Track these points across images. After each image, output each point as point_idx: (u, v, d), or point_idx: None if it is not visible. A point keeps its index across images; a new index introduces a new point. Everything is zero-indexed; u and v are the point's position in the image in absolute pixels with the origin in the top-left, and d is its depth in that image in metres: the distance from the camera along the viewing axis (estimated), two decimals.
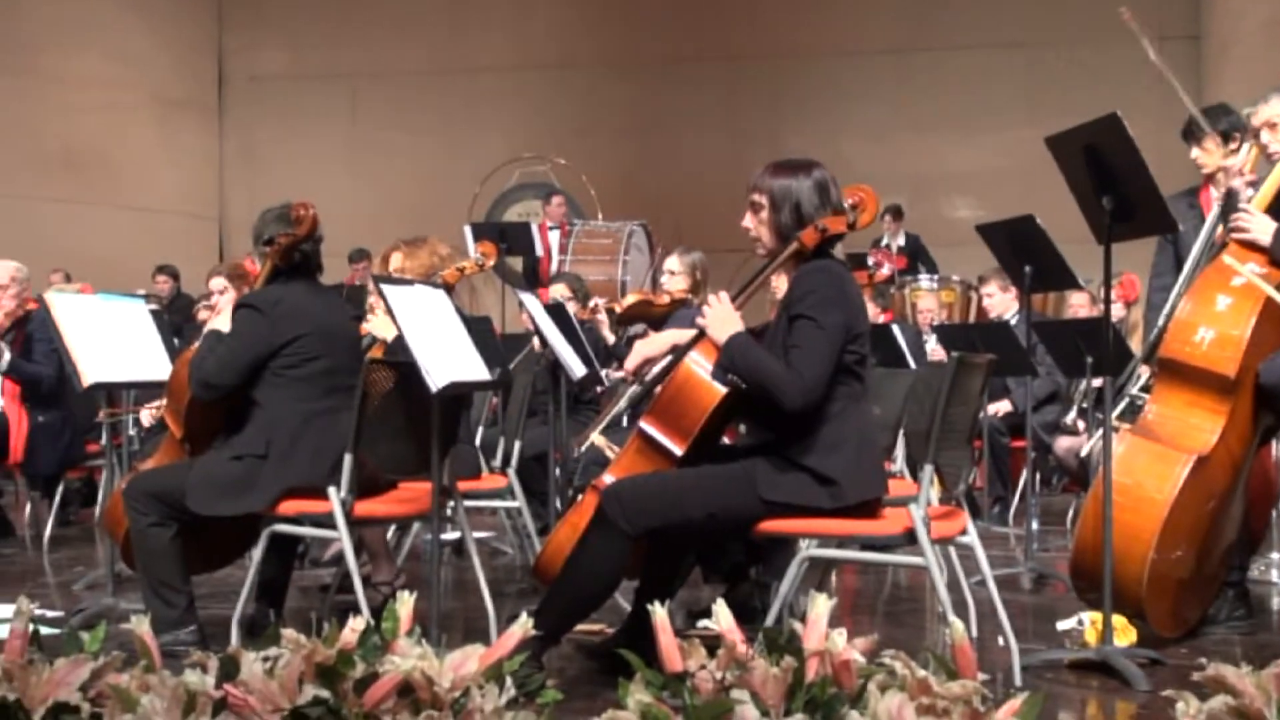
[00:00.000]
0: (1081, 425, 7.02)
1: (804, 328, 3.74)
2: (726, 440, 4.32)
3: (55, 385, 6.74)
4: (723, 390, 3.91)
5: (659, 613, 2.72)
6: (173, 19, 15.45)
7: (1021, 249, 5.91)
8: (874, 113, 14.27)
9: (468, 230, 11.07)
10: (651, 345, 4.23)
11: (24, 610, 2.73)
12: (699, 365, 3.96)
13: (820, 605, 2.70)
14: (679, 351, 4.03)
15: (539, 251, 11.32)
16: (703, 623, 2.79)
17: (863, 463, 3.83)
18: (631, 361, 4.19)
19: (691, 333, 4.26)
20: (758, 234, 3.98)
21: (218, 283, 6.34)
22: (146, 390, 6.24)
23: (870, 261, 8.91)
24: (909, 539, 3.82)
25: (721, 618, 2.72)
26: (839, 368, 3.78)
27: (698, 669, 2.61)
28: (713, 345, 3.96)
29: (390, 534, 5.79)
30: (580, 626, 4.18)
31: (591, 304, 7.04)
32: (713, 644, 2.77)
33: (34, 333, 6.90)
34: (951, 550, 4.78)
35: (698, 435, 3.96)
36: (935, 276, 11.42)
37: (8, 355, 6.85)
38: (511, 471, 5.71)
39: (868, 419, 3.94)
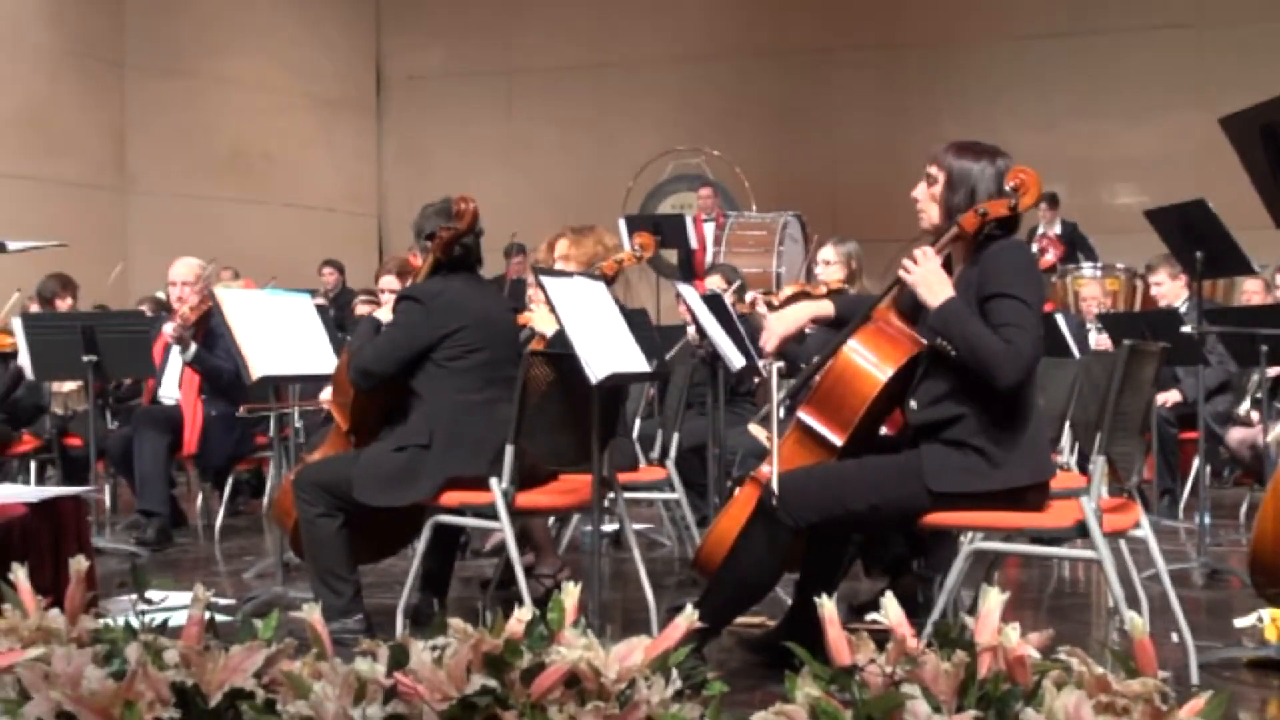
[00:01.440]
0: (1255, 416, 6.79)
1: (1015, 306, 3.66)
2: (886, 431, 4.25)
3: (234, 379, 6.92)
4: (884, 379, 3.85)
5: (827, 605, 2.68)
6: (334, 23, 15.78)
7: (1192, 234, 5.73)
8: (1035, 98, 13.96)
9: (622, 223, 11.09)
10: (786, 321, 4.15)
11: (200, 598, 2.79)
12: (858, 354, 3.91)
13: (993, 599, 2.63)
14: (836, 340, 3.98)
15: (693, 244, 11.29)
16: (871, 616, 2.74)
17: (1035, 446, 3.76)
18: (770, 341, 4.13)
19: (826, 303, 4.18)
20: (924, 206, 3.92)
21: (389, 280, 6.44)
22: (312, 383, 6.35)
23: (1034, 249, 8.73)
24: (1079, 532, 3.73)
25: (891, 611, 2.68)
26: None
27: (867, 663, 2.56)
28: (874, 332, 3.90)
29: (550, 525, 5.83)
30: (740, 619, 4.16)
31: (749, 297, 6.99)
32: (880, 638, 2.72)
33: (216, 328, 7.08)
34: (1122, 544, 4.66)
35: (858, 425, 3.91)
36: (1098, 264, 11.15)
37: (193, 347, 7.04)
38: (670, 463, 5.70)
39: (1037, 404, 3.85)
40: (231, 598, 5.38)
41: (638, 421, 6.27)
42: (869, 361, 3.87)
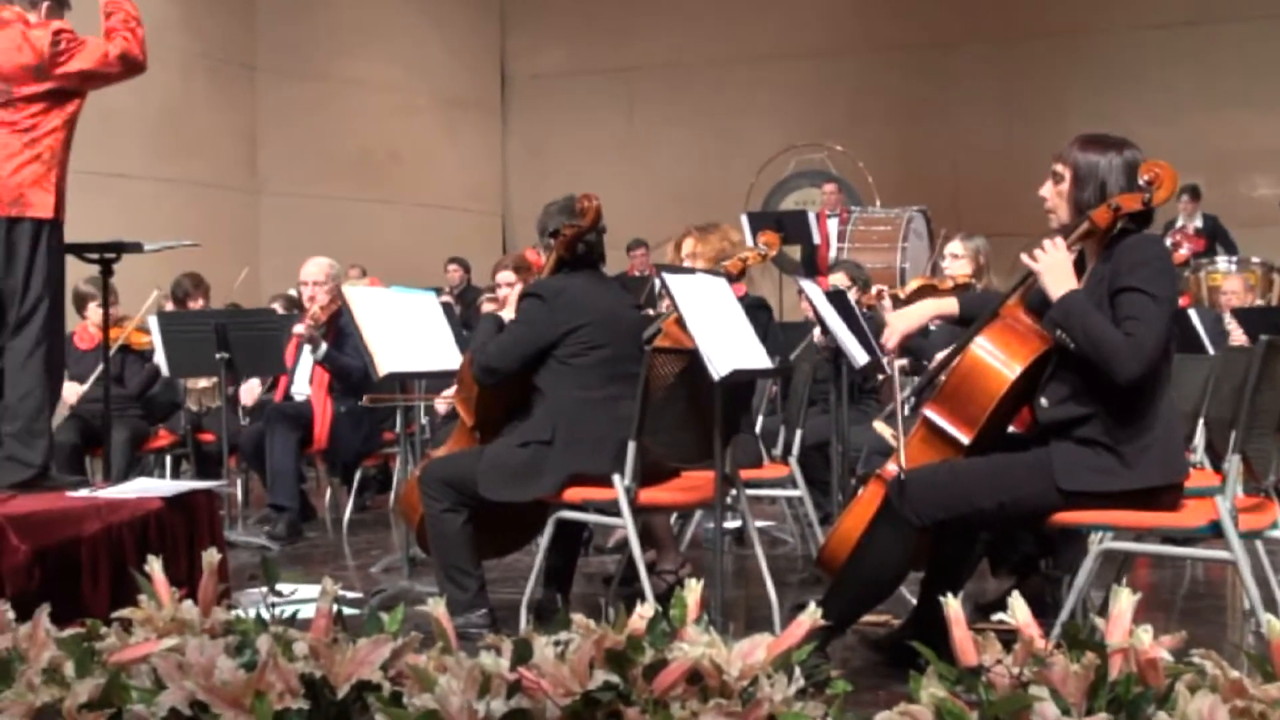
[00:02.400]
0: None
1: (1140, 300, 3.60)
2: (1013, 429, 4.18)
3: (363, 377, 7.03)
4: (1012, 376, 3.80)
5: (953, 605, 2.65)
6: (458, 24, 15.96)
7: None
8: (1167, 89, 13.65)
9: (744, 220, 11.07)
10: (908, 318, 4.10)
11: (329, 591, 2.84)
12: (986, 351, 3.85)
13: (1124, 600, 2.58)
14: (964, 337, 3.93)
15: (816, 240, 11.24)
16: (997, 616, 2.70)
17: (1169, 445, 3.68)
18: (891, 338, 4.08)
19: (950, 300, 4.13)
20: (1053, 205, 3.86)
21: (505, 275, 6.50)
22: (437, 379, 6.42)
23: (1168, 243, 8.54)
24: (1213, 532, 3.64)
25: (1018, 611, 2.63)
26: None
27: (993, 663, 2.53)
28: (1003, 328, 3.85)
29: (672, 522, 5.83)
30: (864, 617, 4.13)
31: (875, 290, 6.95)
32: (1007, 638, 2.68)
33: (345, 327, 7.19)
34: (1258, 544, 4.54)
35: (986, 423, 3.86)
36: (1234, 259, 10.87)
37: (324, 346, 7.17)
38: (793, 460, 5.67)
39: (1172, 402, 3.77)
40: (359, 591, 5.46)
41: (760, 418, 6.25)
42: (997, 359, 3.81)
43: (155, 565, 3.00)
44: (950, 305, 4.10)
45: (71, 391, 7.31)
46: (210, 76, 13.45)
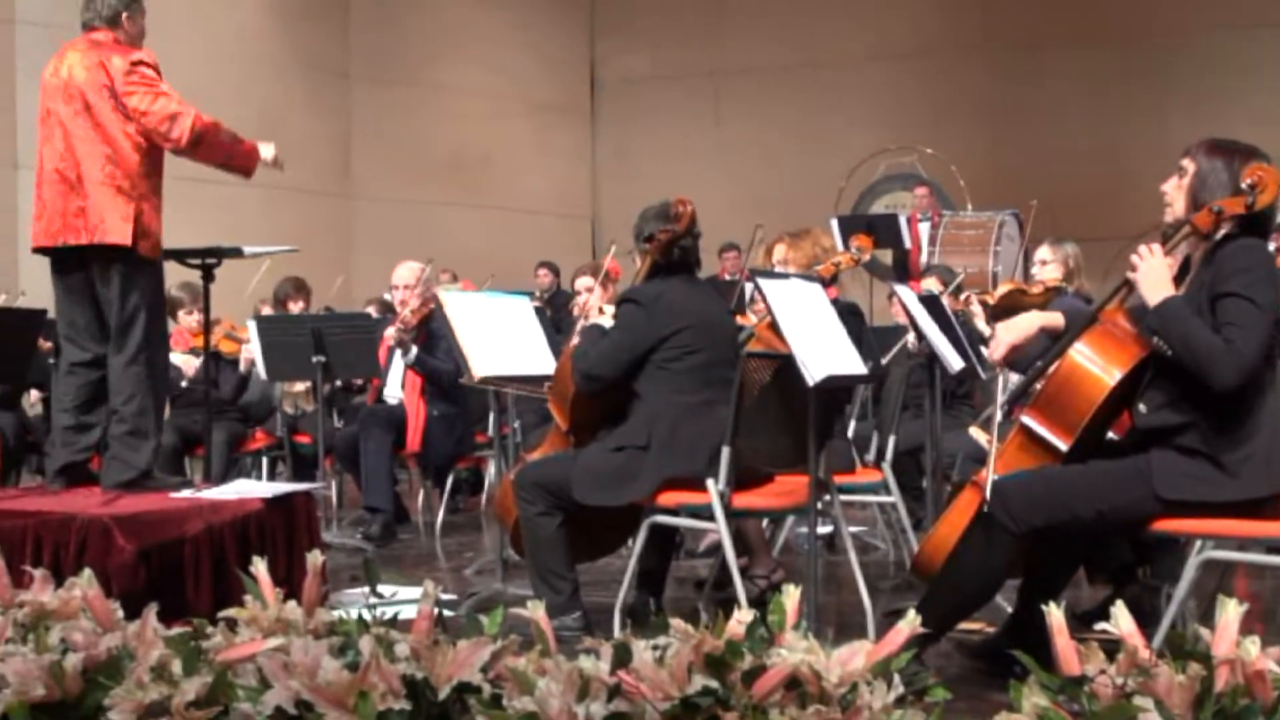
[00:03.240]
0: None
1: (1240, 306, 3.56)
2: (1113, 435, 4.14)
3: (454, 381, 7.09)
4: (1112, 382, 3.76)
5: (1055, 614, 2.62)
6: (548, 30, 16.04)
7: None
8: (1273, 91, 13.37)
9: (834, 223, 11.01)
10: (1015, 330, 4.08)
11: (430, 593, 2.87)
12: (1085, 356, 3.82)
13: (1231, 610, 2.54)
14: (1063, 342, 3.89)
15: (907, 244, 11.15)
16: (1100, 625, 2.67)
17: (1272, 454, 3.62)
18: (997, 350, 4.06)
19: (1057, 315, 4.10)
20: (1171, 199, 3.83)
21: (585, 281, 6.55)
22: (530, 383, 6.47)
23: (1271, 247, 8.37)
24: None
25: (1122, 620, 2.60)
26: None
27: (1097, 673, 2.50)
28: (1102, 333, 3.81)
29: (764, 526, 5.82)
30: (959, 624, 4.10)
31: (964, 295, 6.89)
32: (1109, 647, 2.65)
33: (436, 330, 7.27)
34: None
35: (1084, 430, 3.83)
36: None
37: (414, 350, 7.25)
38: (886, 466, 5.64)
39: (1275, 410, 3.71)
40: (453, 593, 5.51)
41: (853, 423, 6.22)
42: (1096, 364, 3.78)
43: (260, 566, 3.05)
44: (1056, 319, 4.06)
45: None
46: (306, 85, 13.63)
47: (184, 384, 7.38)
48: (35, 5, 11.36)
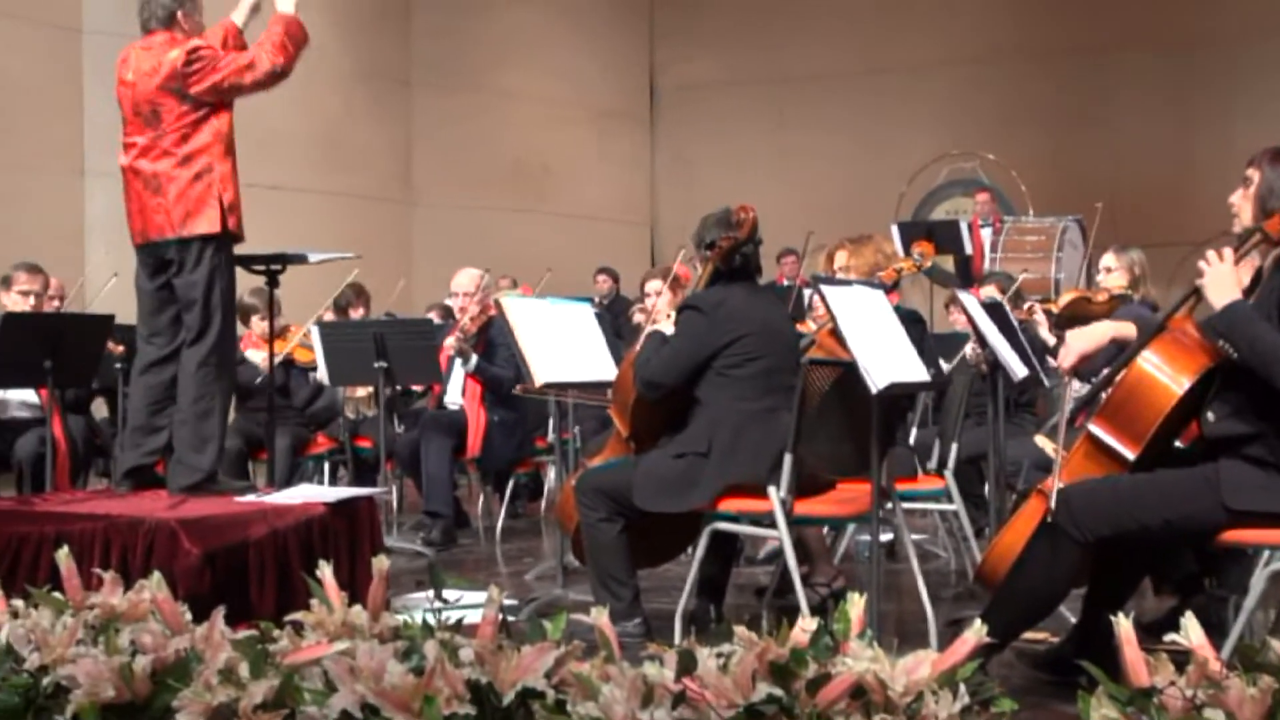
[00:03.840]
0: None
1: None
2: (1181, 445, 4.09)
3: (514, 387, 7.12)
4: (1180, 391, 3.72)
5: (1124, 625, 2.60)
6: (609, 36, 16.07)
7: None
8: None
9: (895, 230, 10.97)
10: (1086, 339, 4.05)
11: (495, 598, 2.88)
12: (1153, 365, 3.78)
13: None
14: (1130, 350, 3.86)
15: (968, 249, 11.09)
16: (1169, 636, 2.65)
17: None
18: (1067, 358, 4.03)
19: (1130, 325, 4.07)
20: (1239, 209, 3.80)
21: (655, 284, 6.55)
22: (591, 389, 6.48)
23: None
24: None
25: (1192, 632, 2.58)
26: None
27: (1166, 685, 2.47)
28: (1170, 341, 3.78)
29: (825, 534, 5.80)
30: (1024, 634, 4.07)
31: (1028, 304, 6.85)
32: (1178, 659, 2.62)
33: (495, 337, 7.30)
34: None
35: (1152, 438, 3.79)
36: None
37: (474, 358, 7.28)
38: (948, 473, 5.61)
39: None
40: (513, 598, 5.53)
41: (914, 430, 6.19)
42: (1165, 373, 3.74)
43: (326, 570, 3.07)
44: (1129, 329, 4.03)
45: None
46: (367, 92, 13.74)
47: (258, 380, 7.44)
48: (102, 14, 11.51)
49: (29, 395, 6.65)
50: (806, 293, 8.82)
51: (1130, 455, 3.80)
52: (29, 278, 6.68)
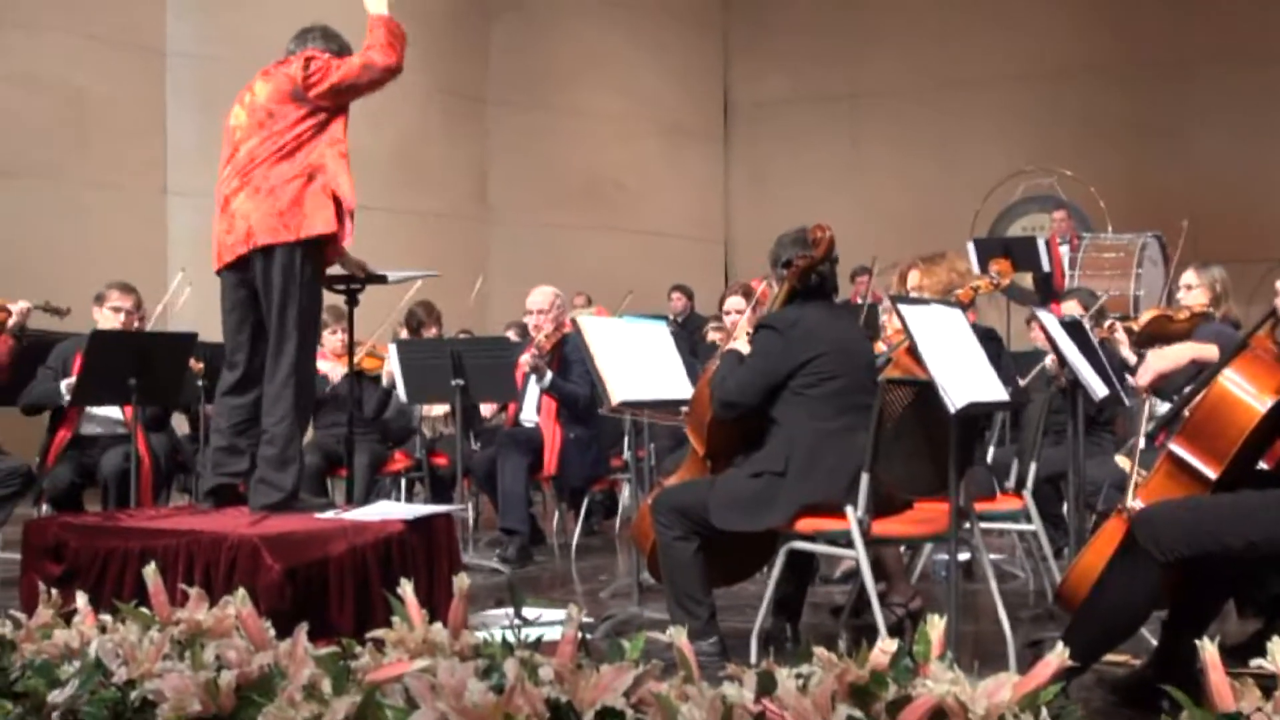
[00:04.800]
0: None
1: None
2: (1264, 465, 4.04)
3: (589, 404, 7.15)
4: (1263, 409, 3.67)
5: (1209, 649, 2.56)
6: (681, 53, 16.11)
7: None
8: None
9: (971, 246, 10.91)
10: (1166, 359, 4.02)
11: (574, 617, 2.89)
12: (1235, 384, 3.74)
13: None
14: (1212, 369, 3.82)
15: (1046, 267, 11.00)
16: (1255, 661, 2.61)
17: None
18: (1145, 376, 4.00)
19: (1211, 347, 4.03)
20: None
21: (735, 301, 6.56)
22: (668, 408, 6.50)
23: None
24: None
25: (1278, 656, 2.54)
26: None
27: (1252, 710, 2.44)
28: (1252, 360, 3.73)
29: (901, 553, 5.77)
30: (1104, 657, 4.03)
31: (1107, 322, 6.78)
32: (1265, 684, 2.59)
33: (569, 355, 7.34)
34: None
35: (1234, 458, 3.74)
36: None
37: (549, 375, 7.32)
38: (1027, 493, 5.56)
39: None
40: (588, 616, 5.54)
41: (991, 449, 6.14)
42: (1247, 391, 3.70)
43: (407, 588, 3.10)
44: (1210, 351, 3.99)
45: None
46: (444, 111, 13.87)
47: (328, 389, 7.52)
48: (184, 37, 11.73)
49: (113, 412, 6.77)
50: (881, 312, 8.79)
51: (1212, 474, 3.76)
52: (121, 295, 6.81)
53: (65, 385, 6.46)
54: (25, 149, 10.91)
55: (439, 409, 8.23)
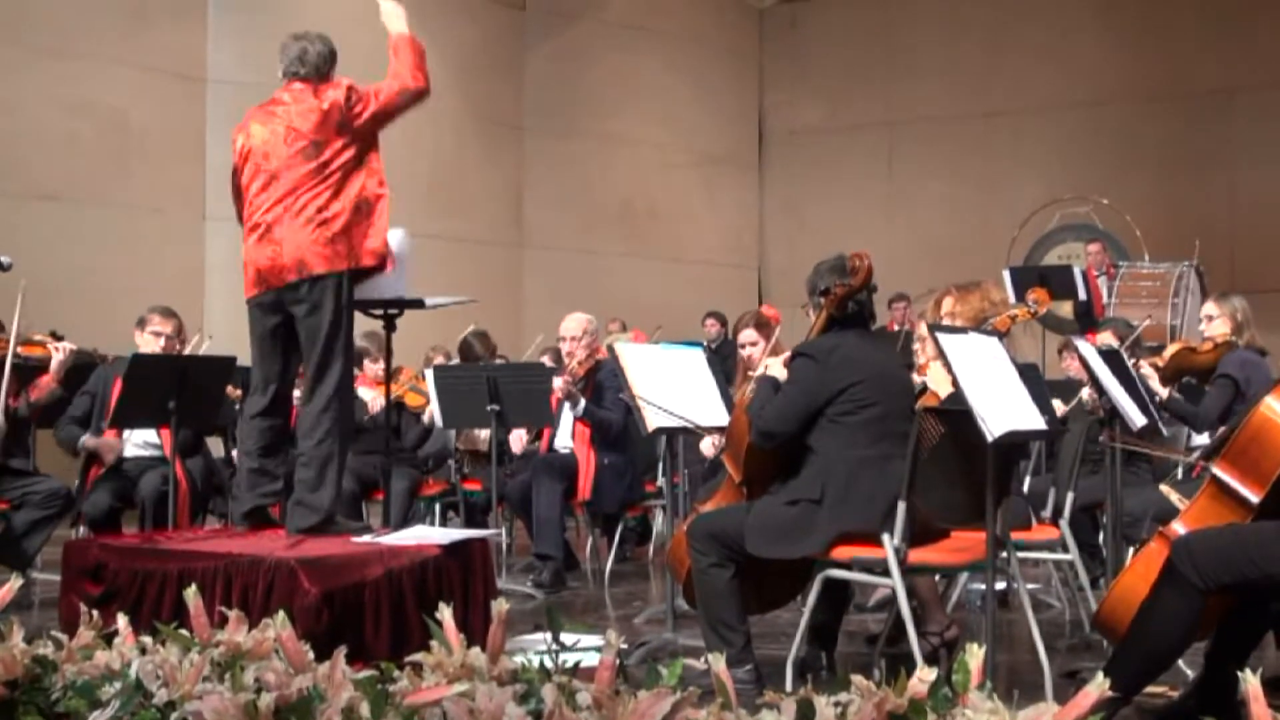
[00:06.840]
0: None
1: None
2: None
3: (623, 430, 7.15)
4: None
5: (1251, 681, 2.54)
6: (717, 81, 16.17)
7: None
8: None
9: (1007, 275, 10.87)
10: None
11: (612, 643, 2.89)
12: (1276, 410, 3.74)
13: None
14: (1255, 397, 3.81)
15: (1082, 295, 10.95)
16: None
17: None
18: None
19: None
20: None
21: (749, 334, 6.55)
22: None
23: None
24: None
25: None
26: None
27: None
28: None
29: (936, 582, 5.74)
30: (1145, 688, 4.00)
31: (1133, 360, 6.77)
32: None
33: (603, 381, 7.35)
34: None
35: (1276, 482, 3.74)
36: None
37: (583, 402, 7.34)
38: (1063, 523, 5.53)
39: None
40: (623, 642, 5.53)
41: (1028, 478, 6.12)
42: None
43: (446, 612, 3.10)
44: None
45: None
46: (479, 137, 13.95)
47: (366, 418, 7.54)
48: (226, 64, 11.85)
49: (149, 435, 6.81)
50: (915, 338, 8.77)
51: (1254, 498, 3.77)
52: (162, 320, 6.85)
53: (84, 440, 6.67)
54: (72, 173, 11.06)
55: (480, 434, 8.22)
